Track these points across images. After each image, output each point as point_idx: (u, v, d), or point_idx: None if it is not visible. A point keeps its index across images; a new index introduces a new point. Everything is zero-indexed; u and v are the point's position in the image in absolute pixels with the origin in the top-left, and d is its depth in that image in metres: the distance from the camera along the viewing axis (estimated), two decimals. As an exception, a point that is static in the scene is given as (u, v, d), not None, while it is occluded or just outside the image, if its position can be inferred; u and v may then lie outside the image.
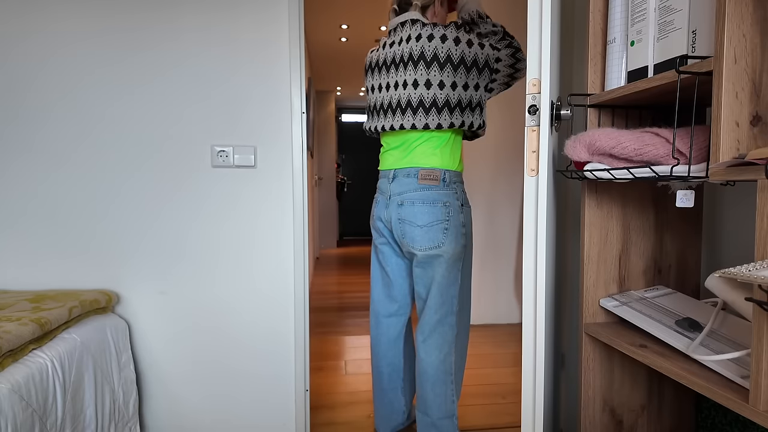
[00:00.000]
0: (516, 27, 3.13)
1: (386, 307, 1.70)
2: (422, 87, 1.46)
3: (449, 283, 1.53)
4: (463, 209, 1.53)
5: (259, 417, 1.71)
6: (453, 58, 1.45)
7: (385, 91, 1.56)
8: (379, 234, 1.65)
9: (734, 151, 0.78)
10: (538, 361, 1.05)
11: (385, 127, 1.55)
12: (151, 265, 1.63)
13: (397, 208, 1.53)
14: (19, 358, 1.12)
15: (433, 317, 1.53)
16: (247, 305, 1.68)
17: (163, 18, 1.58)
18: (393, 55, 1.53)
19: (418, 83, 1.46)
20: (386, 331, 1.71)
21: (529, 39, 1.02)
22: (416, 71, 1.46)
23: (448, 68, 1.45)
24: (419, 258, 1.52)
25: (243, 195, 1.65)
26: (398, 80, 1.52)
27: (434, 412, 1.55)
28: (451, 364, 1.56)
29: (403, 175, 1.53)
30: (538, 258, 1.04)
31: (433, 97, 1.45)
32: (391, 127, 1.53)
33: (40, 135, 1.56)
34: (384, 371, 1.71)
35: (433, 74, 1.45)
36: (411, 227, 1.50)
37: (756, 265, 0.69)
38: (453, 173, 1.52)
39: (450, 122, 1.46)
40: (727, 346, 0.91)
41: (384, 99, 1.56)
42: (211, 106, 1.62)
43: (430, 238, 1.48)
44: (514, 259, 3.26)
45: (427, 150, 1.51)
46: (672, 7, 0.91)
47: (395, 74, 1.52)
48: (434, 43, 1.45)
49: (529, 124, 1.03)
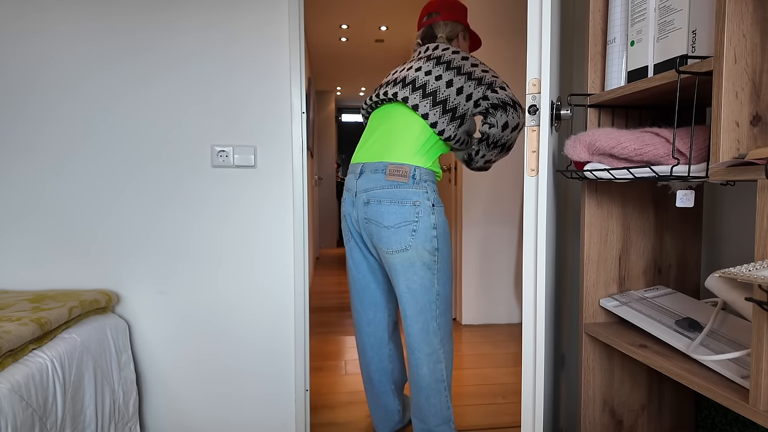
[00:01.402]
0: (516, 27, 3.14)
1: (363, 315, 1.65)
2: (432, 77, 1.48)
3: (424, 289, 1.45)
4: (434, 209, 1.45)
5: (259, 416, 1.71)
6: (462, 69, 1.49)
7: (399, 72, 1.59)
8: (349, 235, 1.60)
9: (734, 151, 0.78)
10: (538, 361, 1.05)
11: (388, 93, 1.53)
12: (151, 265, 1.63)
13: (363, 207, 1.47)
14: (19, 358, 1.12)
15: (415, 327, 1.47)
16: (248, 304, 1.68)
17: (164, 18, 1.58)
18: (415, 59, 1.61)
19: (431, 72, 1.49)
20: (368, 339, 1.66)
21: (529, 39, 1.02)
22: (433, 66, 1.51)
23: (454, 73, 1.48)
24: (388, 261, 1.46)
25: (242, 195, 1.65)
26: (413, 65, 1.55)
27: (430, 420, 1.52)
28: (442, 371, 1.51)
29: (370, 170, 1.47)
30: (538, 258, 1.04)
31: (435, 89, 1.47)
32: (386, 94, 1.54)
33: (42, 136, 1.56)
34: (373, 376, 1.69)
35: (447, 75, 1.48)
36: (378, 227, 1.44)
37: (756, 265, 0.69)
38: (424, 171, 1.45)
39: (435, 121, 1.46)
40: (727, 346, 0.91)
41: (395, 75, 1.59)
42: (212, 106, 1.62)
43: (398, 240, 1.42)
44: (514, 259, 3.26)
45: (403, 144, 1.47)
46: (672, 7, 0.91)
47: (414, 63, 1.57)
48: (454, 54, 1.53)
49: (529, 124, 1.03)
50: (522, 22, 3.15)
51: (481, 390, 2.17)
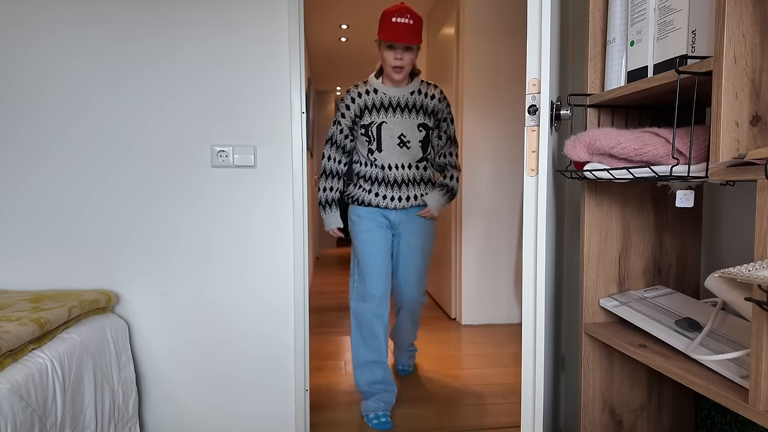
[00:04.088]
0: (516, 27, 3.14)
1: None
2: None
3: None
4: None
5: (259, 416, 1.71)
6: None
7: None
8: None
9: (734, 151, 0.78)
10: (538, 361, 1.05)
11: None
12: (151, 265, 1.63)
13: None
14: (18, 358, 1.12)
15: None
16: (248, 304, 1.68)
17: (165, 17, 1.58)
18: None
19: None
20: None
21: (528, 39, 1.02)
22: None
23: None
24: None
25: (242, 195, 1.65)
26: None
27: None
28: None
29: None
30: (538, 258, 1.04)
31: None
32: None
33: (49, 136, 1.56)
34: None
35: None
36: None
37: (756, 265, 0.69)
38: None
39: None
40: (727, 346, 0.91)
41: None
42: (211, 106, 1.62)
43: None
44: (514, 259, 3.26)
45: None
46: (672, 7, 0.91)
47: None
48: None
49: (529, 124, 1.03)
50: (522, 22, 3.15)
51: (481, 390, 2.17)
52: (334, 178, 1.94)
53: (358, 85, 1.91)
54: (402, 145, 1.88)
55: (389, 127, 1.87)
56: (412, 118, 1.89)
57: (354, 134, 1.91)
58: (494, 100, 3.15)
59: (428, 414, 1.94)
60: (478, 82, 3.12)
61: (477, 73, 3.12)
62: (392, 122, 1.87)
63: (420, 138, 1.89)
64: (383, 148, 1.87)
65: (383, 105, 1.87)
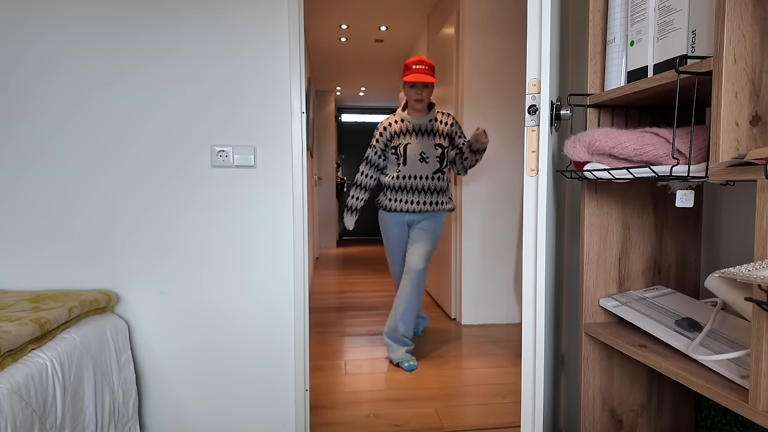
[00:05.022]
0: (516, 27, 3.14)
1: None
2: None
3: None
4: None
5: (259, 416, 1.71)
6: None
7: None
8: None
9: (734, 151, 0.78)
10: (538, 361, 1.05)
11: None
12: (152, 266, 1.63)
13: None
14: (18, 358, 1.12)
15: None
16: (248, 304, 1.68)
17: (166, 20, 1.58)
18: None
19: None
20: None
21: (529, 39, 1.02)
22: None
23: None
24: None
25: (242, 195, 1.65)
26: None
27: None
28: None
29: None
30: (538, 258, 1.04)
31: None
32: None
33: (49, 137, 1.56)
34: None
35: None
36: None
37: (756, 265, 0.69)
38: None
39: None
40: (727, 346, 0.91)
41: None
42: (211, 106, 1.62)
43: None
44: (514, 259, 3.26)
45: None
46: (672, 7, 0.91)
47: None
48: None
49: (529, 124, 1.03)
50: (522, 22, 3.15)
51: (481, 390, 2.17)
52: (363, 190, 2.55)
53: (389, 117, 2.52)
54: (422, 160, 2.43)
55: (413, 147, 2.43)
56: (430, 140, 2.45)
57: (386, 155, 2.50)
58: (495, 98, 3.15)
59: (428, 414, 1.95)
60: (478, 81, 3.12)
61: (477, 71, 3.12)
62: (415, 143, 2.43)
63: (437, 155, 2.45)
64: (408, 162, 2.43)
65: (408, 131, 2.45)
